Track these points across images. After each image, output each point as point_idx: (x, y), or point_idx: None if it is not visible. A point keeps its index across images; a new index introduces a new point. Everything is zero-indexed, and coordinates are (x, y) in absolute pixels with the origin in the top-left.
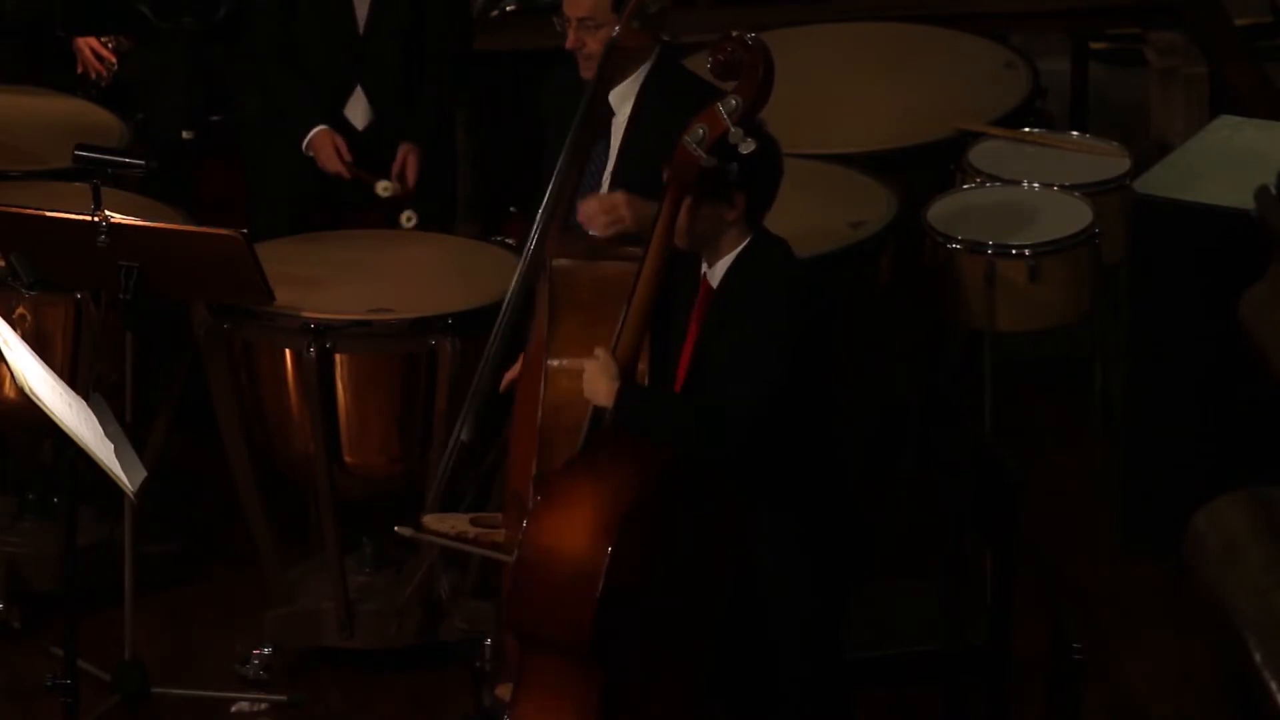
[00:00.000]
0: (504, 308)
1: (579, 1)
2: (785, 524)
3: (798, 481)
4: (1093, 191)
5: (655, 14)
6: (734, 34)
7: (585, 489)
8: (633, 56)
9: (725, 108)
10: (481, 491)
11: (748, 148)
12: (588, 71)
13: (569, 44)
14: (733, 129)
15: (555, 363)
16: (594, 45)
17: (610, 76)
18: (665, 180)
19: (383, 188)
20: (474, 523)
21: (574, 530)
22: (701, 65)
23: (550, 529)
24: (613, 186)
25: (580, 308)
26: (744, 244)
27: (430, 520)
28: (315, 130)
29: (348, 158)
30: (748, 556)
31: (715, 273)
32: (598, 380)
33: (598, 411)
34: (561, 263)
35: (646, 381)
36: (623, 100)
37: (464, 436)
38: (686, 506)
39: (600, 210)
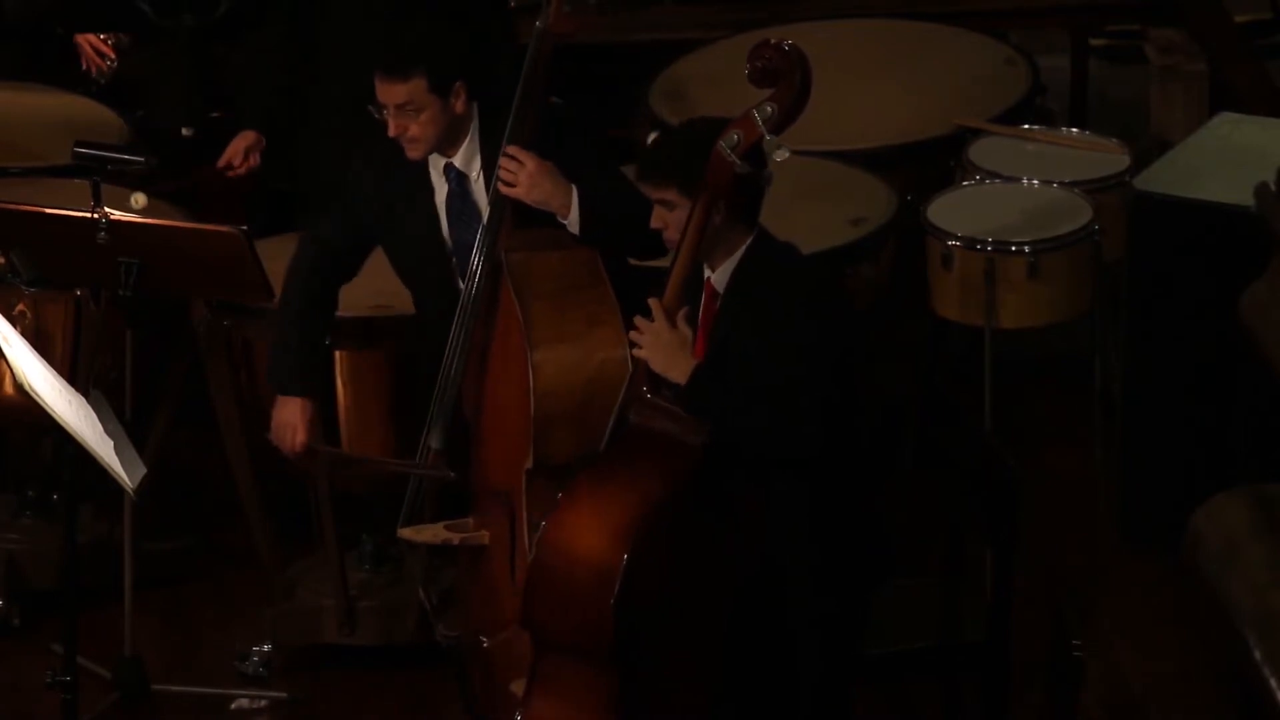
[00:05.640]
0: (462, 316)
1: (393, 89)
2: (801, 524)
3: (815, 481)
4: (1092, 188)
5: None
6: (771, 41)
7: (608, 491)
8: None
9: (761, 115)
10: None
11: (782, 155)
12: (414, 153)
13: (391, 132)
14: (768, 136)
15: (538, 354)
16: (417, 129)
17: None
18: (704, 183)
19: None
20: (448, 528)
21: (592, 533)
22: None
23: (569, 530)
24: (513, 220)
25: (545, 298)
26: (746, 245)
27: (407, 532)
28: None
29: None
30: (764, 557)
31: (720, 276)
32: (674, 353)
33: (623, 410)
34: (515, 257)
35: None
36: (468, 161)
37: (434, 444)
38: (705, 507)
39: (513, 166)
